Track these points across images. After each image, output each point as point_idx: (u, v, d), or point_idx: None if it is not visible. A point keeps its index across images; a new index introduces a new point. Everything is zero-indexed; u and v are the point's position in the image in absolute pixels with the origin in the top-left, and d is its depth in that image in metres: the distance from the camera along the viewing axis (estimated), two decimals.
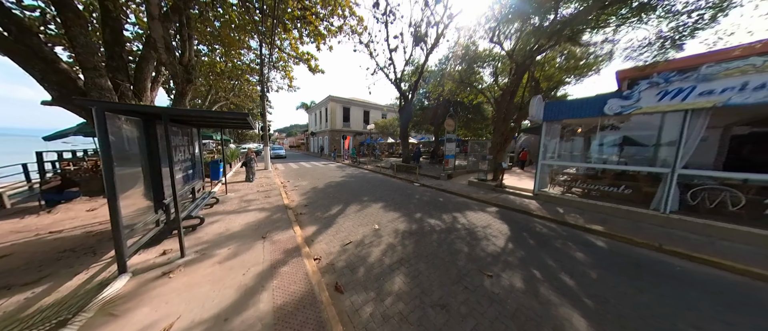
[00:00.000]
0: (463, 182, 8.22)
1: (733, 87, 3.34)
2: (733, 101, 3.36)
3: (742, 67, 3.27)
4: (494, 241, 3.44)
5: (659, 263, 2.91)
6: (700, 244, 3.28)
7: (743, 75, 3.27)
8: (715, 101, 3.49)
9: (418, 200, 5.90)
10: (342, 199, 5.79)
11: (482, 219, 4.43)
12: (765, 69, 3.14)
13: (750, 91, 3.23)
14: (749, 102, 3.26)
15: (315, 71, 13.10)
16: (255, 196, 5.70)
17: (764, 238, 3.17)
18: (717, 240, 3.39)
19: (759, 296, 2.32)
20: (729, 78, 3.37)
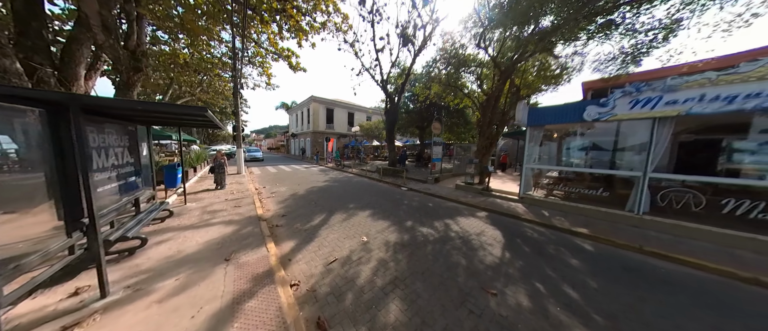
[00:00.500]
0: (451, 186, 8.18)
1: (693, 98, 3.63)
2: (693, 111, 3.64)
3: (700, 80, 3.55)
4: (490, 250, 3.26)
5: (645, 266, 2.96)
6: (672, 243, 3.46)
7: (701, 87, 3.56)
8: (679, 110, 3.76)
9: (407, 205, 5.62)
10: (325, 206, 5.27)
11: (474, 225, 4.28)
12: (718, 82, 3.44)
13: (707, 101, 3.52)
14: (707, 112, 3.54)
15: (296, 69, 12.38)
16: (222, 205, 4.92)
17: (722, 235, 3.43)
18: (685, 239, 3.62)
19: (733, 294, 2.41)
20: (689, 89, 3.65)
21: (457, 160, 11.91)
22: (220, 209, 4.64)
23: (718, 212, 3.70)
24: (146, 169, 4.03)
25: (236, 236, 3.36)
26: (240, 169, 9.96)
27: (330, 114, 23.46)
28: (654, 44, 5.64)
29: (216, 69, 11.63)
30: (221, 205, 4.97)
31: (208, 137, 34.59)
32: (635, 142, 5.20)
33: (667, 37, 5.43)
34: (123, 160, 2.96)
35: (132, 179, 3.16)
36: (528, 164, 5.85)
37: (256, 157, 18.48)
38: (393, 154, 11.25)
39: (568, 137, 6.77)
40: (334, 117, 23.69)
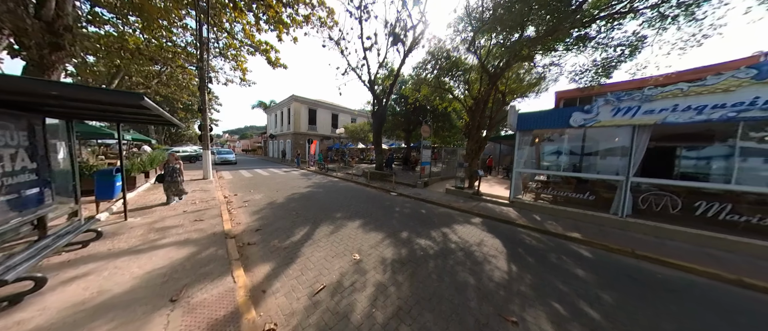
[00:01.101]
0: (441, 190, 8.01)
1: (667, 108, 3.83)
2: (668, 120, 3.84)
3: (673, 91, 3.77)
4: (495, 263, 2.99)
5: (643, 272, 2.94)
6: (658, 246, 3.57)
7: (674, 98, 3.78)
8: (656, 119, 3.96)
9: (399, 213, 5.22)
10: (309, 217, 4.64)
11: (472, 234, 4.03)
12: (689, 94, 3.67)
13: (680, 111, 3.74)
14: (680, 121, 3.76)
15: (275, 65, 11.43)
16: (177, 220, 4.02)
17: (697, 236, 3.62)
18: (666, 240, 3.77)
19: (733, 301, 2.44)
20: (664, 100, 3.86)
21: (442, 163, 11.93)
22: (173, 226, 3.75)
23: (692, 214, 3.91)
24: (64, 176, 3.08)
25: (192, 263, 2.62)
26: (207, 173, 8.70)
27: (312, 115, 22.33)
28: (622, 58, 6.09)
29: (179, 59, 10.19)
30: (176, 219, 4.05)
31: (169, 137, 30.68)
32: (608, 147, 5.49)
33: (633, 53, 5.89)
34: (15, 165, 2.10)
35: (31, 191, 2.28)
36: (518, 168, 5.87)
37: (228, 159, 16.69)
38: (380, 158, 10.85)
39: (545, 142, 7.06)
40: (317, 118, 22.60)
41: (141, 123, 4.43)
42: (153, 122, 4.02)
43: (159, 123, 4.09)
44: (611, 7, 5.17)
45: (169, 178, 4.94)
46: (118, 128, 3.61)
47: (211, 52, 10.60)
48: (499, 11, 5.43)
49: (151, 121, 4.00)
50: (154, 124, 4.09)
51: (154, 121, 3.86)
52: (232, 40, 10.48)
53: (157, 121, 3.90)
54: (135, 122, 4.08)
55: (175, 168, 5.00)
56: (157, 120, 3.66)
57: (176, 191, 5.08)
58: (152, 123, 4.11)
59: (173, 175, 4.99)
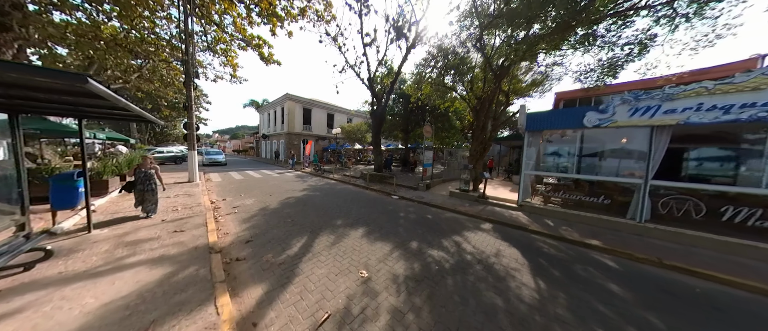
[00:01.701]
0: (444, 193, 7.71)
1: (690, 107, 3.65)
2: (691, 120, 3.66)
3: (697, 89, 3.58)
4: (520, 278, 2.67)
5: (680, 286, 2.69)
6: (684, 254, 3.36)
7: (698, 96, 3.60)
8: (677, 119, 3.77)
9: (404, 219, 4.85)
10: (306, 225, 4.19)
11: (486, 243, 3.71)
12: (715, 92, 3.49)
13: (704, 111, 3.55)
14: (704, 122, 3.57)
15: (268, 61, 10.82)
16: (153, 232, 3.48)
17: (724, 244, 3.42)
18: (689, 247, 3.57)
19: None
20: (687, 99, 3.68)
21: (442, 164, 11.68)
22: (147, 238, 3.22)
23: (718, 220, 3.74)
24: (6, 181, 2.53)
25: (165, 288, 2.14)
26: (192, 176, 8.04)
27: (307, 114, 21.67)
28: (630, 58, 5.97)
29: (162, 53, 9.44)
30: (152, 231, 3.51)
31: (154, 136, 29.08)
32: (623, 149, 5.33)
33: (641, 52, 5.78)
34: None
35: None
36: (526, 171, 5.63)
37: (217, 160, 15.83)
38: (379, 159, 10.46)
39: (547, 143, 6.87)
40: (312, 118, 21.95)
41: (107, 118, 3.74)
42: (124, 118, 3.48)
43: (129, 119, 3.55)
44: (623, 3, 5.00)
45: (142, 186, 3.92)
46: (80, 125, 3.06)
47: (199, 46, 9.89)
48: (511, 5, 5.17)
49: (123, 118, 3.46)
50: (124, 120, 3.55)
51: (125, 117, 3.33)
52: (221, 34, 9.84)
53: (128, 117, 3.36)
54: (100, 118, 3.53)
55: (148, 175, 3.99)
56: (126, 115, 3.14)
57: (149, 203, 4.06)
58: (123, 119, 3.56)
59: (147, 183, 3.97)
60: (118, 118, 3.47)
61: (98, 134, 7.00)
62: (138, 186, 3.96)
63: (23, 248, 2.33)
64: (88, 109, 2.84)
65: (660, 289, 2.61)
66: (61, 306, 1.85)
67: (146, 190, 3.97)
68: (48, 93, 2.04)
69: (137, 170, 4.00)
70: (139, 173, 3.99)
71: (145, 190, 3.96)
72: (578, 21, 5.17)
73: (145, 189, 3.97)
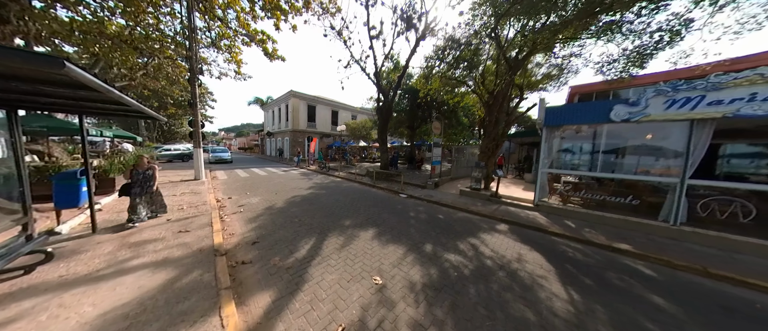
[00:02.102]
0: (453, 192, 7.45)
1: (742, 97, 3.27)
2: (743, 112, 3.29)
3: (751, 77, 3.21)
4: (548, 287, 2.43)
5: (735, 300, 2.40)
6: (729, 261, 3.05)
7: (752, 85, 3.22)
8: (724, 111, 3.40)
9: (414, 219, 4.64)
10: (314, 225, 4.03)
11: (505, 246, 3.47)
12: None
13: (759, 101, 3.17)
14: (759, 114, 3.20)
15: (273, 57, 10.65)
16: (158, 232, 3.37)
17: None
18: (734, 254, 3.25)
19: None
20: (737, 88, 3.30)
21: (447, 162, 11.36)
22: (151, 239, 3.11)
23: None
24: (7, 180, 2.43)
25: (167, 295, 2.00)
26: (198, 174, 8.01)
27: (312, 111, 21.54)
28: (660, 46, 5.52)
29: (167, 50, 9.38)
30: (157, 231, 3.41)
31: (162, 135, 29.57)
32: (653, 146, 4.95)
33: (673, 39, 5.32)
34: None
35: None
36: (544, 168, 5.32)
37: (223, 158, 15.91)
38: (386, 156, 10.24)
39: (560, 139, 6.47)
40: (316, 115, 21.82)
41: (107, 115, 3.59)
42: (125, 114, 3.35)
43: (131, 115, 3.42)
44: None
45: (139, 188, 3.54)
46: (80, 121, 2.94)
47: (203, 42, 9.80)
48: None
49: (124, 114, 3.33)
50: (126, 116, 3.42)
51: (126, 112, 3.19)
52: (225, 29, 9.70)
53: (129, 113, 3.23)
54: (100, 114, 3.41)
55: (147, 177, 3.66)
56: (126, 111, 3.00)
57: (154, 204, 3.90)
58: (125, 115, 3.43)
59: (147, 185, 3.64)
60: (118, 114, 3.35)
61: (105, 132, 6.99)
62: (135, 189, 3.53)
63: (22, 249, 2.23)
64: (87, 104, 2.70)
65: (712, 303, 2.33)
66: (57, 315, 1.72)
67: (145, 192, 3.64)
68: (38, 85, 1.88)
69: (135, 172, 3.59)
70: (137, 174, 3.59)
71: (142, 192, 3.60)
72: (603, 7, 4.78)
73: (142, 191, 3.60)
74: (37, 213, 3.60)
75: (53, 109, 2.89)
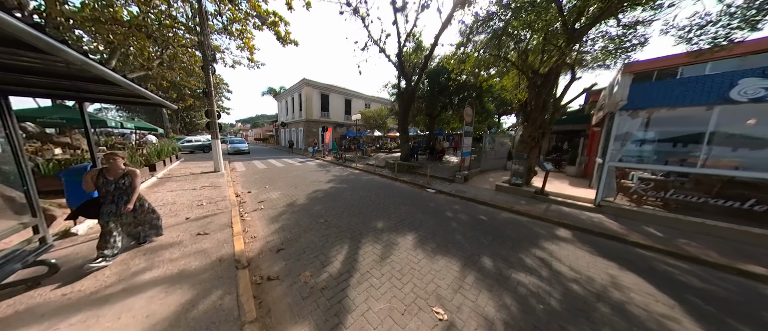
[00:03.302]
0: (486, 186, 6.64)
1: None
2: None
3: None
4: None
5: None
6: None
7: None
8: None
9: (455, 220, 3.99)
10: (342, 226, 3.53)
11: (584, 261, 2.74)
12: None
13: None
14: None
15: (285, 41, 10.00)
16: (176, 233, 3.04)
17: None
18: None
19: None
20: None
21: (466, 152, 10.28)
22: (169, 243, 2.76)
23: None
24: (7, 178, 2.09)
25: (183, 324, 1.57)
26: (218, 165, 7.86)
27: (325, 100, 20.97)
28: None
29: (181, 38, 9.06)
30: (174, 232, 3.08)
31: (185, 126, 30.82)
32: None
33: None
34: None
35: None
36: (613, 162, 4.34)
37: (241, 149, 16.06)
38: (406, 147, 9.50)
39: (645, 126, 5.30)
40: (329, 104, 21.24)
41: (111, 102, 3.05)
42: (131, 102, 2.93)
43: (137, 102, 2.99)
44: None
45: (112, 206, 2.24)
46: (81, 110, 2.53)
47: (214, 28, 9.34)
48: None
49: (129, 101, 2.90)
50: (131, 103, 2.99)
51: (130, 99, 2.75)
52: (236, 12, 9.13)
53: (133, 101, 2.79)
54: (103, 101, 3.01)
55: (121, 186, 2.28)
56: (130, 98, 2.54)
57: (142, 226, 2.60)
58: (131, 102, 3.02)
59: (121, 200, 2.28)
60: (123, 101, 2.93)
61: (126, 124, 6.92)
62: (106, 207, 2.21)
63: (23, 260, 1.90)
64: (88, 88, 2.25)
65: None
66: None
67: (120, 212, 2.25)
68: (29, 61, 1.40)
69: (103, 181, 2.21)
70: (107, 184, 2.21)
71: (117, 212, 2.24)
72: None
73: (117, 210, 2.24)
74: (60, 209, 3.42)
75: (50, 95, 2.50)
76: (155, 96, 2.42)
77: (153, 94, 2.34)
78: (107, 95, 2.62)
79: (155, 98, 2.46)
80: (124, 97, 2.69)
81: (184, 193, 5.00)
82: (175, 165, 9.23)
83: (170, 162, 9.13)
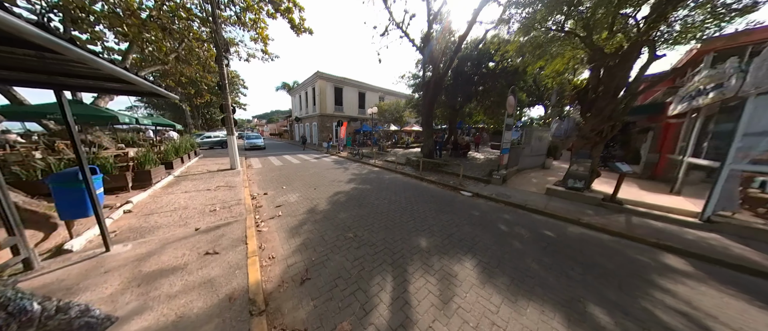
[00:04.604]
0: (533, 190, 5.64)
1: None
2: None
3: None
4: None
5: None
6: None
7: None
8: None
9: (514, 237, 3.14)
10: (377, 245, 2.83)
11: (751, 318, 1.80)
12: None
13: None
14: None
15: (299, 30, 9.33)
16: (182, 252, 2.51)
17: None
18: None
19: None
20: None
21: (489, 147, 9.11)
22: (171, 266, 2.23)
23: None
24: None
25: None
26: (234, 163, 7.53)
27: (338, 94, 20.34)
28: None
29: (196, 32, 8.74)
30: (181, 249, 2.56)
31: (206, 123, 31.91)
32: None
33: None
34: None
35: None
36: (737, 164, 3.19)
37: (257, 144, 16.00)
38: (430, 142, 8.59)
39: None
40: (343, 98, 20.59)
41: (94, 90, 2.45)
42: (116, 90, 2.38)
43: (126, 92, 2.44)
44: None
45: None
46: (59, 98, 2.00)
47: (229, 19, 8.90)
48: None
49: (115, 89, 2.35)
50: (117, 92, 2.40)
51: (115, 87, 2.18)
52: (249, 0, 8.61)
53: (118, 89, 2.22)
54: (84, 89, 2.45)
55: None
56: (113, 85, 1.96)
57: None
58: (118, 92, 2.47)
59: None
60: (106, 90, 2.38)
61: (142, 120, 6.72)
62: None
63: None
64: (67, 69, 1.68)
65: None
66: None
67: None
68: None
69: None
70: None
71: None
72: None
73: None
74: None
75: (20, 83, 1.99)
76: (143, 81, 1.81)
77: (140, 78, 1.73)
78: (87, 81, 2.05)
79: (146, 84, 1.85)
80: (108, 82, 2.12)
81: (198, 194, 4.59)
82: (194, 162, 9.11)
83: (189, 159, 9.02)
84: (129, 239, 2.71)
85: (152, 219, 3.30)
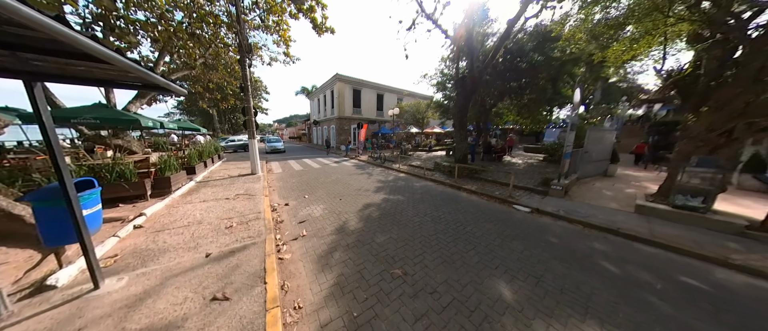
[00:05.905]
0: (613, 205, 4.40)
1: None
2: None
3: None
4: None
5: None
6: None
7: None
8: None
9: (633, 283, 2.10)
10: (440, 293, 2.00)
11: None
12: None
13: None
14: None
15: (321, 30, 8.88)
16: (183, 294, 1.91)
17: None
18: None
19: None
20: None
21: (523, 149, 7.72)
22: (165, 323, 1.61)
23: None
24: None
25: None
26: (254, 168, 7.22)
27: (357, 96, 20.00)
28: None
29: (223, 37, 8.78)
30: (188, 285, 1.97)
31: (232, 127, 33.55)
32: None
33: None
34: None
35: None
36: None
37: (277, 148, 16.07)
38: (464, 145, 7.57)
39: None
40: (361, 100, 20.21)
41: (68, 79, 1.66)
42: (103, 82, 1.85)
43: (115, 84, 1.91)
44: None
45: None
46: (29, 91, 1.48)
47: (252, 23, 8.82)
48: None
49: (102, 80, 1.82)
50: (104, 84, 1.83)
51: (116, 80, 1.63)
52: (272, 1, 8.43)
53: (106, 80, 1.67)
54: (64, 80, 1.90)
55: None
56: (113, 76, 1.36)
57: None
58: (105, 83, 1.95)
59: None
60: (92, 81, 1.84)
61: (166, 124, 6.65)
62: None
63: None
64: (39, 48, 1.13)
65: None
66: None
67: None
68: None
69: None
70: None
71: None
72: None
73: None
74: None
75: None
76: (142, 69, 1.21)
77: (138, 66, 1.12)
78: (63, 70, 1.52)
79: (141, 71, 1.25)
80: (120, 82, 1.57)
81: (216, 204, 4.15)
82: (217, 166, 9.06)
83: (212, 162, 8.99)
84: (128, 269, 2.18)
85: (161, 238, 2.81)
